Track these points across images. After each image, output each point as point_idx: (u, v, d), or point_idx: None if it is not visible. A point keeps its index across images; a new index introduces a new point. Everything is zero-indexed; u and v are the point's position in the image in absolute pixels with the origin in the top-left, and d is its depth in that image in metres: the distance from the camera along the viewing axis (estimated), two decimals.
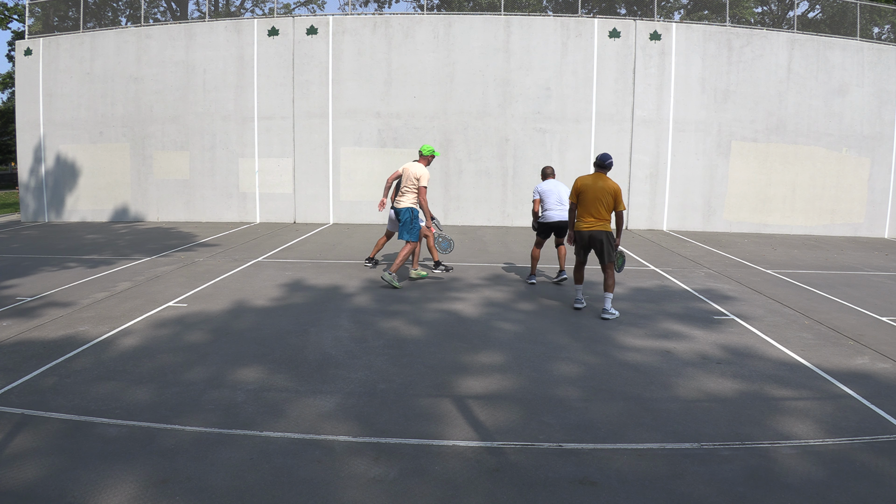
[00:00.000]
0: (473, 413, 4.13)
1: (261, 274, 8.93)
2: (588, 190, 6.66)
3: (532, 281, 8.57)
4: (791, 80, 15.83)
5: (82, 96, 16.89)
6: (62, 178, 17.26)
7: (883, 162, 16.11)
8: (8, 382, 4.52)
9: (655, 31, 15.76)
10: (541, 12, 22.07)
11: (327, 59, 16.19)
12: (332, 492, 3.13)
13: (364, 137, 16.28)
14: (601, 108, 15.94)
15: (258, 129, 16.50)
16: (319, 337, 5.83)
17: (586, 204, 6.67)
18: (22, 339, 5.59)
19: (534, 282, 8.58)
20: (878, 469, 3.41)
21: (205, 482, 3.19)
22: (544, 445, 3.66)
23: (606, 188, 6.62)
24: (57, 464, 3.34)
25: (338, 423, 3.92)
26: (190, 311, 6.74)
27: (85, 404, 4.14)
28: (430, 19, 16.16)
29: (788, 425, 3.96)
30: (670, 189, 16.05)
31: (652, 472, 3.35)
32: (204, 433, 3.75)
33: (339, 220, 16.54)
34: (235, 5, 29.98)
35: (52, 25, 18.98)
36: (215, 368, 4.91)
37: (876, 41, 16.89)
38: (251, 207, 16.76)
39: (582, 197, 6.71)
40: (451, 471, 3.35)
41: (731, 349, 5.61)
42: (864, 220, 16.27)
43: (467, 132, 16.13)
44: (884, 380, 4.87)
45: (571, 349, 5.55)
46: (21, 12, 28.67)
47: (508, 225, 16.22)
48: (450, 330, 6.14)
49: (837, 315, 6.97)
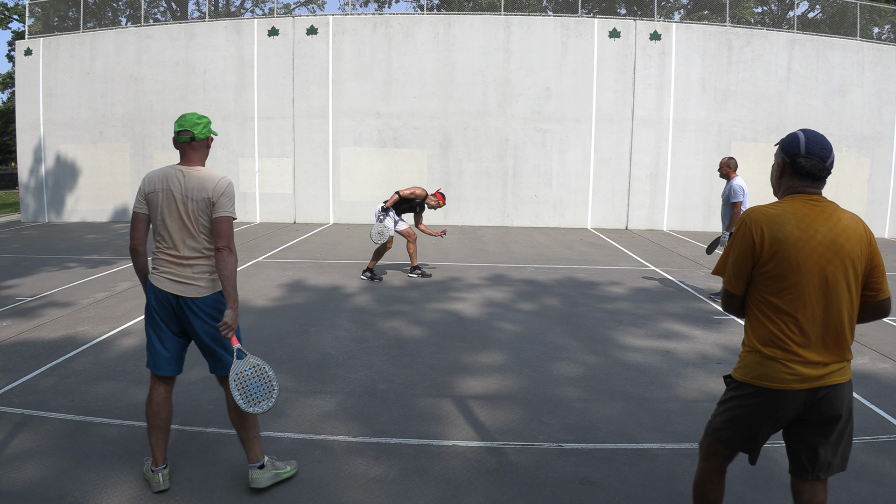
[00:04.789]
0: (474, 413, 4.13)
1: (261, 274, 8.92)
2: (807, 259, 2.23)
3: None
4: (791, 80, 15.83)
5: (82, 96, 16.89)
6: (62, 178, 17.26)
7: (883, 162, 16.11)
8: (8, 382, 4.52)
9: (655, 31, 15.76)
10: (541, 12, 22.07)
11: (327, 59, 16.19)
12: (332, 492, 3.12)
13: (364, 137, 16.28)
14: (601, 108, 15.93)
15: (258, 129, 16.50)
16: (319, 337, 5.82)
17: (794, 293, 2.25)
18: (22, 339, 5.59)
19: None
20: (878, 469, 3.40)
21: (205, 482, 3.19)
22: (544, 445, 3.66)
23: (847, 239, 2.25)
24: (57, 464, 3.34)
25: (338, 423, 3.92)
26: None
27: (85, 404, 4.14)
28: (430, 19, 16.16)
29: None
30: (670, 189, 16.05)
31: (652, 472, 3.35)
32: (204, 433, 3.75)
33: (339, 220, 16.54)
34: (235, 5, 29.99)
35: (52, 25, 18.98)
36: None
37: (876, 41, 16.89)
38: (251, 207, 16.76)
39: (779, 270, 2.25)
40: (451, 471, 3.35)
41: (732, 349, 5.61)
42: (864, 220, 16.25)
43: (467, 132, 16.13)
44: (884, 380, 4.87)
45: (571, 349, 5.55)
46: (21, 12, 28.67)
47: (508, 225, 16.22)
48: (450, 330, 6.14)
49: None
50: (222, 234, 2.98)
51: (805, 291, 2.22)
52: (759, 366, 2.28)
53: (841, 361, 2.27)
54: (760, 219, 2.25)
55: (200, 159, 3.12)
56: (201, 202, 2.98)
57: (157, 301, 3.03)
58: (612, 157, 15.99)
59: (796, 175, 2.30)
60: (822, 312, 2.23)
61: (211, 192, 2.99)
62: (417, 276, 8.74)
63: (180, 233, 3.00)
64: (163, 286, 3.00)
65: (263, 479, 3.08)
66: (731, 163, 7.45)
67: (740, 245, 2.28)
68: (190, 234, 3.00)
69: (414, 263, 8.78)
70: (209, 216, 3.01)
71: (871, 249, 2.28)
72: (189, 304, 3.00)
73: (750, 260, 2.27)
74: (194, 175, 3.02)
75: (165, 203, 3.00)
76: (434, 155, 16.23)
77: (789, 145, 2.31)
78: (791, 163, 2.30)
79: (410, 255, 8.78)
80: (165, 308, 3.03)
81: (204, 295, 3.02)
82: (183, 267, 3.01)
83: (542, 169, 16.14)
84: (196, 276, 3.01)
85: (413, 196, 8.47)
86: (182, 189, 2.99)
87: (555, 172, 16.14)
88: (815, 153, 2.26)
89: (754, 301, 2.31)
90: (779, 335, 2.25)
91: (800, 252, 2.20)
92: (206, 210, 3.00)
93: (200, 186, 2.99)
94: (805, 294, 2.22)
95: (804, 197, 2.28)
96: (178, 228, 3.00)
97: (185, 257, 3.01)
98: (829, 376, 2.25)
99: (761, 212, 2.27)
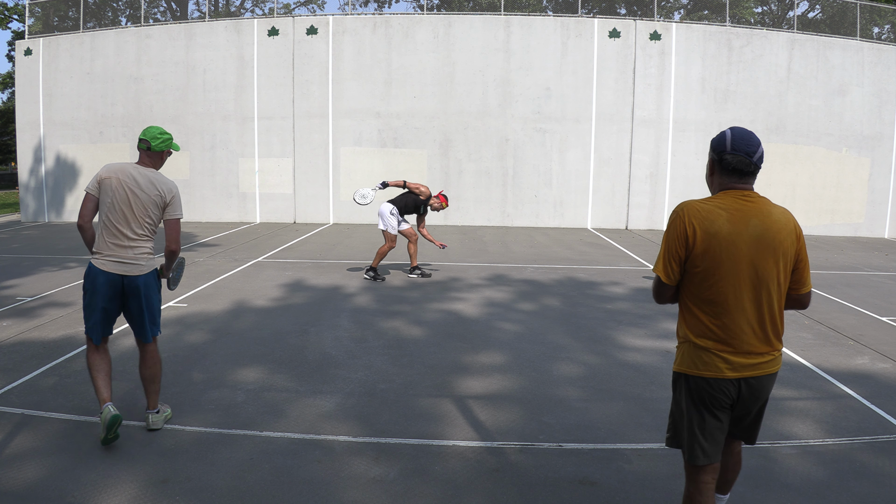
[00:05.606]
0: (474, 413, 4.13)
1: (261, 274, 8.92)
2: (737, 252, 2.30)
3: None
4: (791, 80, 15.83)
5: (82, 96, 16.89)
6: (62, 178, 17.26)
7: (883, 162, 16.11)
8: (8, 382, 4.52)
9: (655, 31, 15.76)
10: (541, 12, 22.07)
11: (327, 59, 16.20)
12: (333, 492, 3.13)
13: (364, 137, 16.28)
14: (601, 108, 15.94)
15: (258, 129, 16.50)
16: (319, 337, 5.83)
17: (725, 285, 2.32)
18: (22, 339, 5.59)
19: None
20: (878, 469, 3.40)
21: (205, 482, 3.19)
22: (544, 445, 3.66)
23: (777, 233, 2.32)
24: (57, 464, 3.34)
25: (338, 423, 3.92)
26: (190, 311, 6.74)
27: (85, 404, 4.14)
28: (430, 19, 16.17)
29: (788, 425, 3.96)
30: (670, 189, 16.05)
31: (652, 472, 3.35)
32: (204, 433, 3.75)
33: (339, 220, 16.54)
34: (235, 5, 29.99)
35: (52, 25, 18.98)
36: (215, 368, 4.91)
37: (876, 41, 16.89)
38: (251, 207, 16.76)
39: (714, 273, 2.33)
40: (451, 471, 3.35)
41: None
42: (864, 220, 16.27)
43: (467, 132, 16.13)
44: (884, 380, 4.87)
45: (572, 349, 5.55)
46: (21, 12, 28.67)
47: (508, 225, 16.22)
48: (450, 330, 6.14)
49: (837, 315, 6.97)
50: (172, 238, 3.67)
51: (736, 284, 2.30)
52: (693, 356, 2.38)
53: (773, 351, 2.38)
54: (693, 213, 2.31)
55: (154, 164, 3.72)
56: (150, 197, 3.57)
57: (103, 283, 3.55)
58: (611, 157, 15.99)
59: (725, 172, 2.37)
60: (752, 303, 2.31)
61: (163, 192, 3.60)
62: (417, 277, 8.74)
63: (125, 218, 3.53)
64: (108, 268, 3.54)
65: (160, 421, 3.78)
66: None
67: (673, 236, 2.34)
68: (136, 219, 3.55)
69: (414, 263, 8.78)
70: (156, 213, 3.61)
71: (799, 244, 2.37)
72: (132, 282, 3.59)
73: (683, 251, 2.33)
74: (147, 174, 3.62)
75: (118, 189, 3.54)
76: (434, 155, 16.23)
77: (717, 143, 2.38)
78: (719, 160, 2.37)
79: (411, 256, 8.78)
80: (109, 289, 3.56)
81: (144, 273, 3.62)
82: (125, 249, 3.56)
83: (542, 169, 16.14)
84: (137, 257, 3.59)
85: (418, 191, 8.46)
86: (134, 181, 3.56)
87: (555, 172, 16.14)
88: (741, 149, 2.32)
89: (687, 294, 2.39)
90: (710, 326, 2.34)
91: (731, 245, 2.28)
92: (153, 205, 3.58)
93: (150, 183, 3.58)
94: (736, 286, 2.30)
95: (735, 192, 2.35)
96: (124, 214, 3.53)
97: (128, 238, 3.55)
98: (761, 366, 2.36)
99: (694, 206, 2.33)
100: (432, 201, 8.66)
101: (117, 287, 3.58)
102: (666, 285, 2.40)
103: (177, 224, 3.69)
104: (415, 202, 8.53)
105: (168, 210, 3.64)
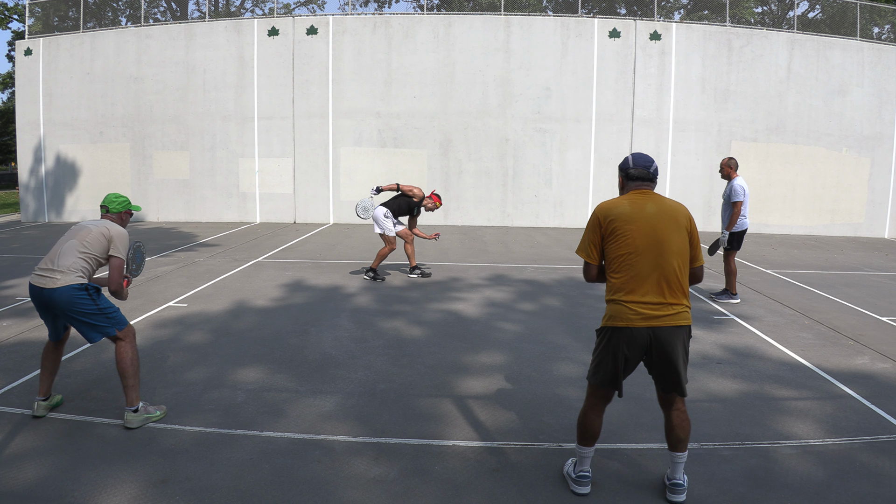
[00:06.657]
0: (474, 413, 4.13)
1: (261, 274, 8.93)
2: (637, 227, 2.92)
3: (735, 300, 7.46)
4: (791, 80, 15.84)
5: (82, 96, 16.90)
6: (62, 178, 17.26)
7: (883, 162, 16.11)
8: (8, 382, 4.52)
9: (655, 31, 15.76)
10: (541, 12, 22.07)
11: (327, 59, 16.20)
12: (333, 492, 3.13)
13: (364, 137, 16.28)
14: (601, 108, 15.94)
15: (258, 129, 16.50)
16: (319, 337, 5.83)
17: (637, 260, 2.90)
18: (22, 339, 5.59)
19: (737, 300, 7.47)
20: (878, 469, 3.41)
21: (205, 482, 3.19)
22: (544, 445, 3.66)
23: (671, 217, 2.96)
24: (57, 464, 3.34)
25: (338, 423, 3.92)
26: (190, 311, 6.74)
27: (85, 404, 4.14)
28: (430, 19, 16.17)
29: (788, 425, 3.96)
30: (670, 189, 16.05)
31: (652, 472, 3.35)
32: (204, 433, 3.75)
33: (339, 220, 16.54)
34: (235, 5, 29.99)
35: (52, 25, 18.98)
36: (215, 368, 4.91)
37: (876, 41, 16.89)
38: (251, 207, 16.76)
39: (622, 244, 2.93)
40: (451, 471, 3.35)
41: (732, 349, 5.61)
42: (864, 220, 16.27)
43: (467, 132, 16.13)
44: (884, 380, 4.87)
45: (572, 349, 5.55)
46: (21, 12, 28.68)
47: (508, 225, 16.22)
48: (450, 330, 6.14)
49: (837, 315, 6.97)
50: (113, 278, 3.91)
51: (639, 244, 2.89)
52: (611, 311, 2.94)
53: (677, 305, 2.88)
54: (601, 207, 3.02)
55: (114, 221, 4.11)
56: (99, 234, 3.90)
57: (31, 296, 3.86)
58: (612, 157, 15.99)
59: (630, 180, 3.06)
60: (654, 260, 2.87)
61: (109, 233, 3.92)
62: (417, 276, 8.74)
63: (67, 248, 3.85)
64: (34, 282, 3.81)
65: (136, 421, 3.78)
66: (732, 163, 7.47)
67: (589, 226, 3.03)
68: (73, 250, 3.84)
69: (412, 264, 8.78)
70: (100, 249, 3.89)
71: (691, 225, 2.98)
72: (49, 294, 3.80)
73: (597, 235, 2.99)
74: (103, 221, 4.05)
75: (75, 228, 3.98)
76: (434, 155, 16.24)
77: (623, 164, 3.10)
78: (626, 174, 3.08)
79: (408, 256, 8.79)
80: (34, 300, 3.85)
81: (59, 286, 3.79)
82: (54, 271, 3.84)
83: (542, 169, 16.15)
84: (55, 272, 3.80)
85: (411, 193, 8.50)
86: (91, 223, 4.00)
87: (555, 172, 16.15)
88: (640, 164, 3.04)
89: (608, 265, 2.99)
90: (623, 283, 2.90)
91: (631, 218, 2.92)
92: (98, 241, 3.88)
93: (103, 225, 3.96)
94: (640, 246, 2.89)
95: (637, 191, 3.04)
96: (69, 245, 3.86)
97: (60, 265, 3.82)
98: (669, 318, 2.86)
99: (603, 203, 3.04)
100: (426, 202, 8.66)
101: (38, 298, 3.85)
102: (590, 264, 3.03)
103: (116, 262, 3.93)
104: (408, 204, 8.54)
105: (110, 249, 3.96)
